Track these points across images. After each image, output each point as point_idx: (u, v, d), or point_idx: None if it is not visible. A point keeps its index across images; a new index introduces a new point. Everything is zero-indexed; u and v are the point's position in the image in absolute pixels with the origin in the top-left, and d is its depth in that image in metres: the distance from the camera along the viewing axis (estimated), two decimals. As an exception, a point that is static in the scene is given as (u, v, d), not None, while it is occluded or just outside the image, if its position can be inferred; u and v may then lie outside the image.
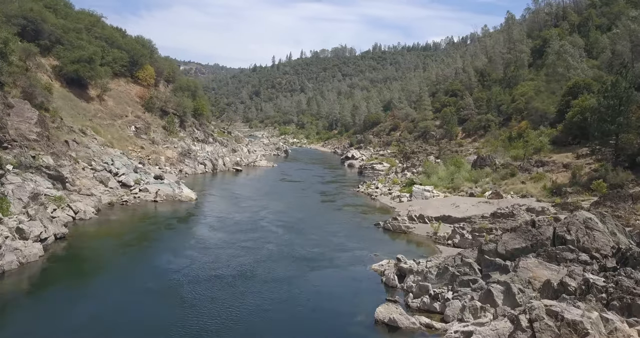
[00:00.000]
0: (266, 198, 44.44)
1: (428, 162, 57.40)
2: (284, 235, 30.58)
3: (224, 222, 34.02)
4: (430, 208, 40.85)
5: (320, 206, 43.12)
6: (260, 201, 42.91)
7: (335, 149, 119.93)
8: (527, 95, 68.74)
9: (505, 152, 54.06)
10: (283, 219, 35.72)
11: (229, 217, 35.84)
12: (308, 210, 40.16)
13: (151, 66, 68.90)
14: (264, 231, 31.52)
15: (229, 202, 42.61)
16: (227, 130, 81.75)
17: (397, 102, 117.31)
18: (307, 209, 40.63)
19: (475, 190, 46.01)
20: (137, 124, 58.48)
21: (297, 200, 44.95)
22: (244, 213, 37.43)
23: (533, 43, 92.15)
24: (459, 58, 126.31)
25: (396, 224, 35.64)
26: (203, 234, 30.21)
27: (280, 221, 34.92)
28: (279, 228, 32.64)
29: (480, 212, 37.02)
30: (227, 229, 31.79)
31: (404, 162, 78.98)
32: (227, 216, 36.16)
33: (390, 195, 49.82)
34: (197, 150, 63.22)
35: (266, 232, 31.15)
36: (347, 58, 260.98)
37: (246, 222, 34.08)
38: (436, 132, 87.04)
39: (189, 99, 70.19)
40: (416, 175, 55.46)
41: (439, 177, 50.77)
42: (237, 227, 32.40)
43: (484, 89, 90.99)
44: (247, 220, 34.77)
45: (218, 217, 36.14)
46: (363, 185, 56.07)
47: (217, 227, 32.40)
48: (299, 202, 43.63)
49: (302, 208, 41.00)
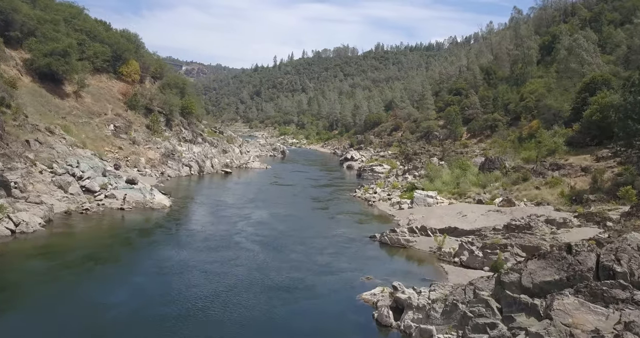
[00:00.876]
0: (250, 206, 39.43)
1: (431, 165, 52.32)
2: (260, 255, 25.49)
3: (193, 236, 29.01)
4: (434, 218, 35.77)
5: (310, 215, 38.05)
6: (242, 209, 37.88)
7: (335, 150, 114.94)
8: (537, 92, 63.57)
9: (515, 154, 48.91)
10: (263, 233, 30.68)
11: (201, 230, 30.84)
12: (295, 221, 35.11)
13: (136, 61, 64.06)
14: (237, 249, 26.48)
15: (207, 211, 37.65)
16: (219, 130, 76.93)
17: (398, 101, 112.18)
18: (294, 219, 35.59)
19: (483, 196, 40.90)
20: (117, 123, 53.64)
21: (285, 208, 39.86)
22: (219, 224, 32.42)
23: (541, 39, 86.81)
24: (463, 56, 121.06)
25: (394, 237, 30.60)
26: (163, 254, 25.11)
27: (260, 235, 29.86)
28: (256, 244, 27.57)
29: (491, 223, 31.92)
30: (194, 246, 26.78)
31: (405, 163, 73.85)
32: (199, 229, 31.17)
33: (390, 201, 44.76)
34: (183, 151, 58.35)
35: (239, 251, 26.11)
36: (349, 58, 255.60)
37: (220, 236, 29.05)
38: (439, 132, 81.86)
39: (177, 97, 65.32)
40: (418, 179, 50.37)
41: (443, 181, 45.67)
42: (206, 243, 27.36)
43: (489, 88, 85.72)
44: (221, 234, 29.74)
45: (188, 229, 31.16)
46: (360, 190, 51.05)
47: (184, 244, 27.40)
48: (286, 211, 38.56)
49: (288, 218, 35.95)
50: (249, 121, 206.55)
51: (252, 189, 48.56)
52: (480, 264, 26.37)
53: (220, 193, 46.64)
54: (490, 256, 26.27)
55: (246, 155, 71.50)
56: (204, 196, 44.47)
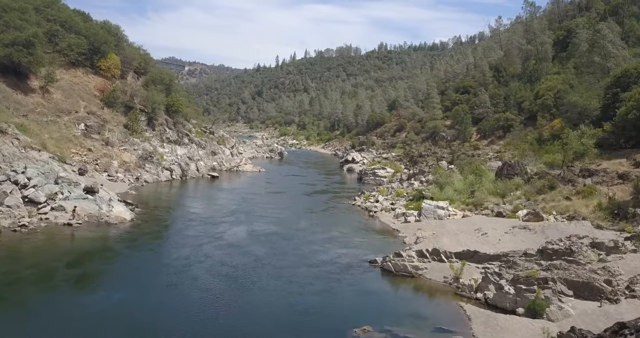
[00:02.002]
0: (228, 221, 32.89)
1: (440, 169, 45.80)
2: (216, 299, 18.74)
3: (141, 267, 22.48)
4: (447, 235, 29.28)
5: (298, 232, 31.38)
6: (217, 226, 31.31)
7: (336, 151, 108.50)
8: (556, 89, 56.98)
9: (537, 158, 42.34)
10: (232, 261, 23.94)
11: (154, 257, 24.33)
12: (278, 241, 28.49)
13: (117, 55, 57.82)
14: (189, 288, 19.86)
15: (173, 227, 31.23)
16: (210, 130, 70.70)
17: (402, 100, 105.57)
18: (277, 239, 28.97)
19: (503, 207, 34.37)
20: (89, 122, 47.41)
21: (269, 223, 33.20)
22: (182, 248, 25.86)
23: (555, 34, 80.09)
24: (470, 53, 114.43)
25: (400, 263, 24.16)
26: (88, 300, 18.52)
27: (227, 265, 23.16)
28: (216, 281, 20.85)
29: (520, 245, 25.43)
30: (136, 284, 20.28)
31: (410, 166, 67.35)
32: (152, 256, 24.63)
33: (394, 211, 38.29)
34: (165, 153, 52.02)
35: (191, 291, 19.52)
36: (352, 57, 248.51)
37: (176, 268, 22.28)
38: (447, 133, 75.30)
39: (162, 94, 59.02)
40: (425, 186, 43.86)
41: (455, 189, 39.16)
42: (154, 279, 20.69)
43: (499, 85, 79.08)
44: (179, 264, 23.02)
45: (140, 256, 24.65)
46: (361, 197, 44.63)
47: (125, 278, 20.97)
48: (270, 227, 31.89)
49: (271, 238, 29.31)
50: (249, 121, 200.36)
51: (236, 198, 42.06)
52: (511, 304, 19.95)
53: (198, 203, 40.15)
54: (525, 293, 19.83)
55: (237, 158, 65.12)
56: (178, 207, 37.96)
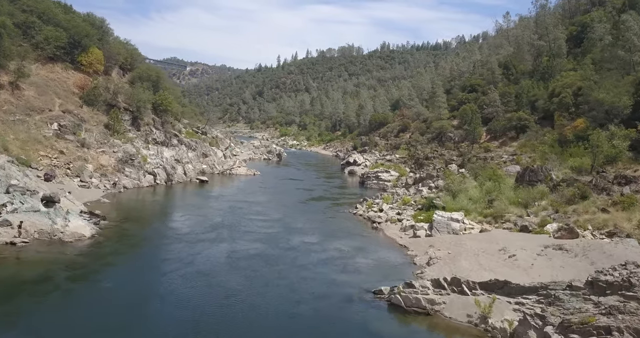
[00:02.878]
0: (207, 238, 27.68)
1: (452, 175, 40.76)
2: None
3: (75, 311, 17.47)
4: (466, 256, 24.26)
5: (287, 252, 26.01)
6: (192, 246, 25.93)
7: (337, 152, 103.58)
8: (575, 86, 51.91)
9: (561, 162, 37.25)
10: (195, 301, 18.40)
11: (95, 293, 18.96)
12: (260, 267, 23.17)
13: (99, 50, 52.96)
14: (141, 332, 15.12)
15: (138, 247, 26.17)
16: (202, 130, 65.76)
17: (407, 99, 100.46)
18: (260, 264, 23.67)
19: (528, 220, 29.35)
20: (63, 121, 42.56)
21: (255, 240, 27.83)
22: (138, 278, 20.66)
23: (569, 30, 74.96)
24: (477, 50, 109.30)
25: (412, 296, 19.19)
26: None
27: (187, 307, 17.89)
28: (169, 329, 16.04)
29: (560, 273, 20.36)
30: (71, 327, 15.47)
31: (415, 169, 62.34)
32: (95, 290, 19.30)
33: (400, 223, 33.31)
34: (150, 155, 47.12)
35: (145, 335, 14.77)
36: (354, 57, 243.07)
37: (116, 310, 17.26)
38: (454, 133, 70.26)
39: (149, 91, 54.13)
40: (435, 193, 38.82)
41: (470, 198, 34.12)
42: (96, 322, 15.95)
43: (509, 83, 73.96)
44: (122, 303, 17.76)
45: (81, 290, 19.52)
46: (363, 205, 39.69)
47: (57, 322, 16.10)
48: (255, 246, 26.43)
49: (253, 261, 23.90)
50: (250, 122, 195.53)
51: (223, 207, 37.00)
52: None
53: (177, 213, 35.04)
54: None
55: (230, 160, 60.11)
56: (153, 219, 32.86)
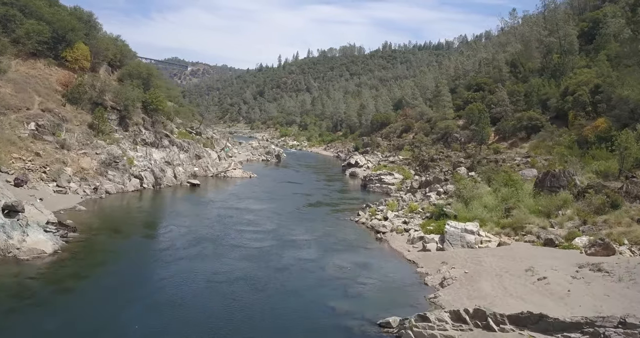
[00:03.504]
0: (185, 256, 23.81)
1: (462, 180, 37.20)
2: None
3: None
4: (487, 277, 20.70)
5: (277, 275, 22.03)
6: (166, 265, 22.21)
7: (338, 153, 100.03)
8: (592, 83, 48.33)
9: (583, 165, 33.65)
10: (173, 331, 15.58)
11: (49, 325, 15.71)
12: (244, 294, 19.38)
13: (86, 45, 49.48)
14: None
15: (105, 267, 22.39)
16: (197, 131, 62.23)
17: (409, 98, 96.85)
18: (244, 289, 19.84)
19: (552, 232, 25.77)
20: (42, 120, 39.10)
21: (241, 258, 24.11)
22: (95, 308, 17.17)
23: (579, 26, 71.35)
24: (482, 48, 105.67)
25: (427, 333, 15.64)
26: None
27: None
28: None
29: (605, 303, 16.74)
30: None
31: (420, 172, 58.82)
32: (50, 321, 15.98)
33: (408, 233, 29.78)
34: (137, 157, 43.64)
35: None
36: (356, 57, 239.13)
37: None
38: (460, 134, 66.66)
39: (138, 89, 50.64)
40: (445, 199, 35.24)
41: (485, 205, 30.55)
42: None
43: (517, 81, 70.35)
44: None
45: (25, 323, 16.11)
46: (366, 211, 36.18)
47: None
48: (240, 266, 22.66)
49: (235, 286, 19.99)
50: (251, 122, 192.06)
51: (211, 215, 33.43)
52: None
53: (159, 223, 31.44)
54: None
55: (225, 162, 56.57)
56: (130, 229, 29.13)
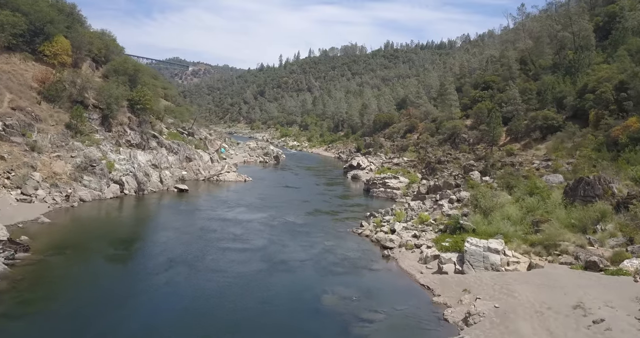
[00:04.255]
0: (153, 284, 19.56)
1: (477, 186, 32.89)
2: None
3: None
4: (524, 316, 16.36)
5: (263, 313, 17.78)
6: (124, 299, 18.20)
7: (339, 154, 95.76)
8: (616, 79, 44.01)
9: (617, 171, 29.35)
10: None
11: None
12: (218, 334, 15.59)
13: (66, 39, 45.34)
14: None
15: (52, 298, 17.92)
16: (188, 131, 57.94)
17: (414, 97, 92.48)
18: (221, 332, 16.04)
19: (594, 252, 21.45)
20: (10, 120, 34.89)
21: (219, 284, 19.75)
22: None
23: (594, 21, 67.01)
24: (490, 45, 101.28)
25: None
26: None
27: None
28: None
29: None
30: None
31: (428, 175, 54.56)
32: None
33: (419, 250, 25.51)
34: (120, 159, 39.45)
35: None
36: (358, 56, 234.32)
37: None
38: (468, 134, 62.33)
39: (124, 87, 46.48)
40: (459, 208, 30.93)
41: (507, 217, 26.24)
42: None
43: (529, 79, 65.98)
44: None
45: None
46: (370, 221, 31.98)
47: None
48: (215, 300, 18.58)
49: (208, 328, 16.14)
50: (251, 122, 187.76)
51: (192, 228, 29.13)
52: None
53: (130, 239, 26.97)
54: None
55: (219, 164, 52.29)
56: (94, 247, 24.43)
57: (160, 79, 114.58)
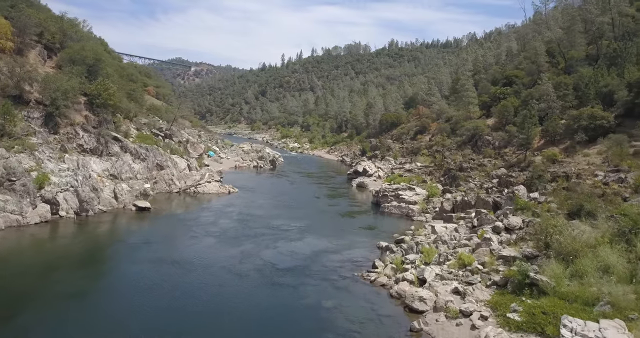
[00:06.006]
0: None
1: (527, 207, 23.11)
2: None
3: None
4: None
5: None
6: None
7: (342, 157, 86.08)
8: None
9: None
10: None
11: None
12: None
13: (6, 20, 35.86)
14: None
15: None
16: (166, 133, 48.26)
17: (425, 94, 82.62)
18: None
19: None
20: None
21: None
22: None
23: (635, 4, 57.12)
24: (510, 36, 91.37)
25: None
26: None
27: None
28: None
29: None
30: None
31: (449, 185, 44.76)
32: None
33: (468, 320, 15.77)
34: (62, 170, 29.85)
35: None
36: (361, 55, 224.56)
37: None
38: (493, 136, 52.39)
39: (79, 79, 36.94)
40: (515, 245, 21.08)
41: (605, 268, 16.45)
42: None
43: (560, 72, 55.99)
44: None
45: None
46: (385, 258, 22.29)
47: None
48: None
49: None
50: (252, 122, 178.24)
51: (131, 279, 19.53)
52: None
53: (12, 311, 17.41)
54: None
55: (197, 173, 42.54)
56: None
57: (153, 78, 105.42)
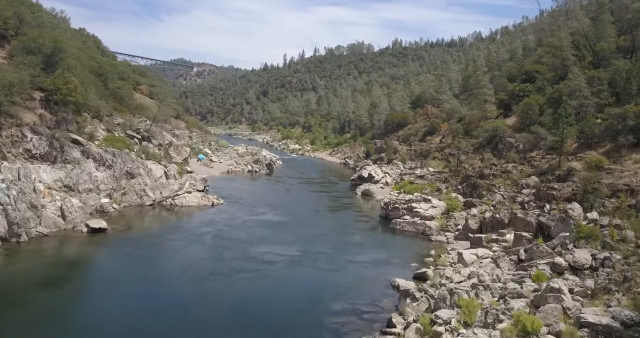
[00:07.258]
0: None
1: (594, 234, 16.37)
2: None
3: None
4: None
5: None
6: None
7: (346, 159, 79.37)
8: None
9: None
10: None
11: None
12: None
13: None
14: None
15: None
16: (143, 134, 41.55)
17: (435, 92, 75.76)
18: None
19: None
20: None
21: None
22: None
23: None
24: (520, 34, 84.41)
25: None
26: None
27: None
28: None
29: None
30: None
31: (469, 195, 37.96)
32: None
33: None
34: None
35: None
36: (364, 55, 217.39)
37: None
38: (515, 138, 45.50)
39: (33, 71, 30.41)
40: (597, 301, 14.36)
41: None
42: None
43: (589, 66, 49.04)
44: None
45: None
46: (405, 311, 15.57)
47: None
48: None
49: None
50: (253, 123, 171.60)
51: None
52: None
53: None
54: None
55: (175, 182, 35.78)
56: None
57: (149, 76, 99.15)
